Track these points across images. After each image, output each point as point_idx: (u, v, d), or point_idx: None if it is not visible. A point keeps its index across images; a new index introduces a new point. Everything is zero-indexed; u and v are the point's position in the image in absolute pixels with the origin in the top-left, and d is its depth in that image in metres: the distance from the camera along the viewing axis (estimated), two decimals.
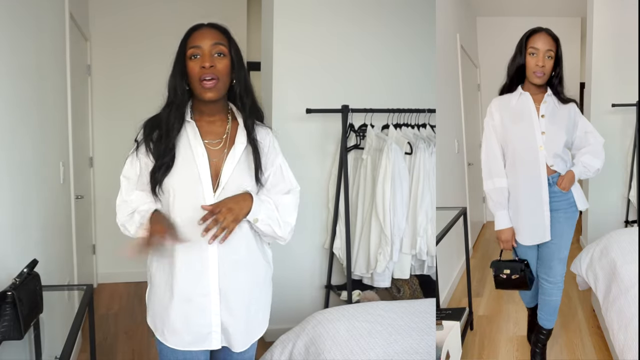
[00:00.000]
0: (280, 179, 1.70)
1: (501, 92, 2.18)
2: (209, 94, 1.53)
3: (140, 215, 1.56)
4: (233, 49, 1.57)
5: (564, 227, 2.11)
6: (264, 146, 1.65)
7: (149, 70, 4.27)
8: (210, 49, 1.52)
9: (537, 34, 2.07)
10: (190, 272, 1.57)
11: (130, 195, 1.61)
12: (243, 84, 1.59)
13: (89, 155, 4.22)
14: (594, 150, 2.13)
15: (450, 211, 2.80)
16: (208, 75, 1.51)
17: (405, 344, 1.97)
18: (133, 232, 1.59)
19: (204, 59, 1.51)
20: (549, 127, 2.07)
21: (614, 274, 2.44)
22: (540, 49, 2.04)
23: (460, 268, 3.71)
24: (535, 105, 2.10)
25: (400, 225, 3.04)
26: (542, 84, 2.10)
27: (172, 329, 1.60)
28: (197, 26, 1.58)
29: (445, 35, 3.64)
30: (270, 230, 1.62)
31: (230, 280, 1.59)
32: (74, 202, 3.19)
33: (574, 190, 2.11)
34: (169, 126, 1.56)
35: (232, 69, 1.57)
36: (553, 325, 2.34)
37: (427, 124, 3.28)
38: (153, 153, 1.56)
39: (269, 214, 1.60)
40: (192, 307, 1.58)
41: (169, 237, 1.45)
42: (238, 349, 1.65)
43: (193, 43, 1.53)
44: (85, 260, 3.87)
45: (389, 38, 3.37)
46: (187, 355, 1.63)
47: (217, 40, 1.54)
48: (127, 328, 3.55)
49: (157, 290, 1.63)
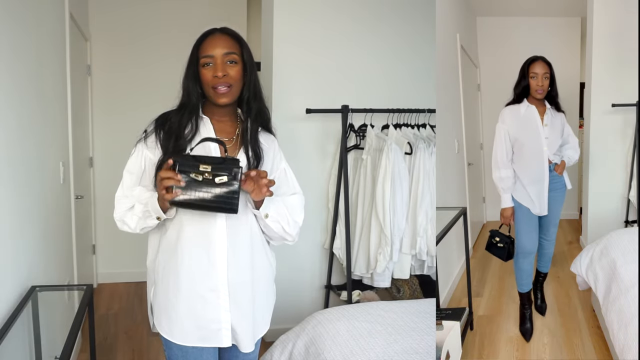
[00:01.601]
0: (284, 181, 1.71)
1: (508, 104, 2.72)
2: (222, 99, 1.55)
3: (142, 204, 1.52)
4: (245, 54, 1.58)
5: (558, 202, 2.80)
6: (268, 152, 1.65)
7: (149, 70, 4.29)
8: (222, 58, 1.54)
9: (536, 62, 2.63)
10: (198, 267, 1.56)
11: (133, 191, 1.58)
12: (252, 89, 1.60)
13: (89, 155, 4.22)
14: (574, 147, 2.84)
15: (450, 211, 2.81)
16: (221, 84, 1.53)
17: (405, 344, 1.97)
18: (133, 226, 1.55)
19: (216, 68, 1.53)
20: (549, 133, 2.67)
21: (614, 274, 2.44)
22: (539, 73, 2.61)
23: (460, 268, 3.71)
24: (540, 116, 2.65)
25: (400, 225, 3.04)
26: (542, 99, 2.68)
27: (180, 325, 1.58)
28: (209, 32, 1.58)
29: (445, 35, 3.64)
30: (279, 227, 1.61)
31: (238, 276, 1.58)
32: (74, 202, 3.19)
33: (564, 174, 2.80)
34: (181, 123, 1.56)
35: (244, 74, 1.58)
36: (548, 270, 3.06)
37: (427, 124, 3.28)
38: (162, 145, 1.56)
39: (279, 210, 1.61)
40: (201, 303, 1.57)
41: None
42: (247, 348, 1.63)
43: (205, 52, 1.54)
44: (85, 260, 3.87)
45: (389, 38, 3.37)
46: (198, 357, 1.61)
47: (229, 50, 1.55)
48: (127, 328, 3.55)
49: (164, 287, 1.60)
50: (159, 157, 1.56)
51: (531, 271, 2.86)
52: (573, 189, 4.70)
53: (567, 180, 2.85)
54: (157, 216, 1.51)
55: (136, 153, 1.60)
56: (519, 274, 2.83)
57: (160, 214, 1.50)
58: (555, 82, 2.69)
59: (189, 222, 1.54)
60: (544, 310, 3.04)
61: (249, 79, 1.59)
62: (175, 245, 1.56)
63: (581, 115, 5.09)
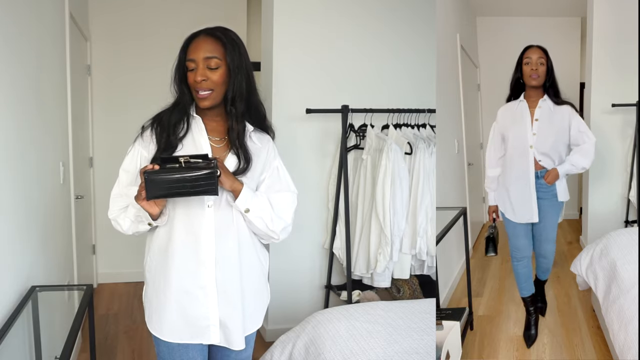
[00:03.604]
0: (277, 179, 1.71)
1: (507, 101, 2.61)
2: (204, 102, 1.57)
3: (136, 208, 1.53)
4: (229, 56, 1.56)
5: (549, 213, 2.56)
6: (260, 152, 1.66)
7: (149, 70, 4.28)
8: (203, 63, 1.54)
9: (530, 49, 2.48)
10: (187, 264, 1.57)
11: (129, 190, 1.60)
12: (237, 89, 1.58)
13: (89, 155, 4.22)
14: (584, 150, 2.50)
15: (450, 211, 2.81)
16: (201, 89, 1.54)
17: (405, 344, 1.97)
18: (125, 228, 1.57)
19: (197, 72, 1.54)
20: (539, 129, 2.48)
21: (614, 274, 2.44)
22: (533, 57, 2.44)
23: (460, 268, 3.71)
24: (531, 110, 2.50)
25: (400, 225, 3.04)
26: (538, 86, 2.48)
27: (168, 322, 1.60)
28: (194, 35, 1.58)
29: (445, 35, 3.64)
30: (262, 224, 1.62)
31: (226, 274, 1.59)
32: (74, 202, 3.19)
33: (558, 184, 2.52)
34: (171, 121, 1.58)
35: (228, 76, 1.57)
36: (547, 278, 2.90)
37: (427, 124, 3.28)
38: (157, 140, 1.57)
39: (262, 207, 1.61)
40: (189, 299, 1.58)
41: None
42: (237, 346, 1.64)
43: (188, 55, 1.56)
44: (85, 260, 3.87)
45: (389, 38, 3.37)
46: (184, 353, 1.62)
47: (210, 54, 1.54)
48: (127, 328, 3.55)
49: (153, 285, 1.63)
50: (152, 153, 1.58)
51: (528, 274, 2.73)
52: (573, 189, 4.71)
53: (560, 190, 2.53)
54: (148, 222, 1.54)
55: (132, 151, 1.62)
56: (516, 277, 2.76)
57: (150, 220, 1.53)
58: (554, 72, 2.51)
59: (178, 224, 1.56)
60: (544, 311, 3.04)
61: (232, 80, 1.57)
62: (166, 246, 1.59)
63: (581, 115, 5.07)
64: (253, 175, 1.63)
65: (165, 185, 1.40)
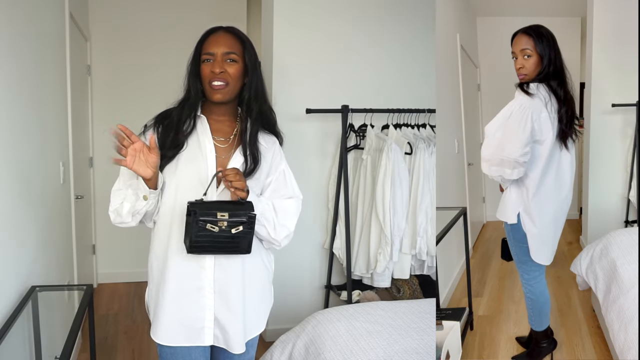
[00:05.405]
0: (283, 184, 1.70)
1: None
2: (217, 95, 1.55)
3: (133, 188, 1.51)
4: (247, 55, 1.58)
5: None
6: (266, 154, 1.65)
7: (149, 70, 4.28)
8: (222, 57, 1.55)
9: (514, 38, 2.02)
10: (187, 267, 1.57)
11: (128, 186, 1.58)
12: (253, 90, 1.60)
13: (89, 155, 4.22)
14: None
15: (450, 211, 2.81)
16: (218, 80, 1.54)
17: (405, 344, 1.97)
18: (126, 212, 1.53)
19: (215, 64, 1.54)
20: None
21: (614, 274, 2.44)
22: (516, 51, 2.01)
23: (460, 268, 3.71)
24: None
25: (400, 225, 3.04)
26: (528, 81, 2.04)
27: (164, 324, 1.59)
28: (214, 30, 1.59)
29: (445, 35, 3.64)
30: (264, 231, 1.61)
31: (227, 276, 1.59)
32: (74, 202, 3.19)
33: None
34: (181, 119, 1.58)
35: (244, 74, 1.58)
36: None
37: (427, 124, 3.28)
38: (160, 139, 1.57)
39: (265, 214, 1.60)
40: (186, 301, 1.58)
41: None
42: (237, 349, 1.63)
43: (206, 49, 1.56)
44: (85, 260, 3.87)
45: (389, 38, 3.37)
46: (185, 353, 1.61)
47: (229, 49, 1.55)
48: (127, 328, 3.55)
49: (155, 288, 1.63)
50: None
51: (543, 302, 2.34)
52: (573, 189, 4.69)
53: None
54: (143, 195, 1.50)
55: None
56: (526, 302, 2.41)
57: (146, 190, 1.48)
58: (551, 60, 2.05)
59: (178, 225, 1.56)
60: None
61: (250, 79, 1.59)
62: (166, 247, 1.58)
63: (581, 115, 5.09)
64: (259, 177, 1.62)
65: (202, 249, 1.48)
